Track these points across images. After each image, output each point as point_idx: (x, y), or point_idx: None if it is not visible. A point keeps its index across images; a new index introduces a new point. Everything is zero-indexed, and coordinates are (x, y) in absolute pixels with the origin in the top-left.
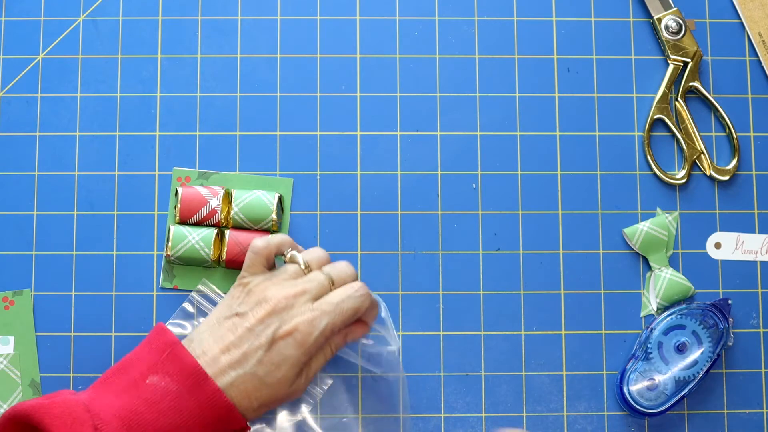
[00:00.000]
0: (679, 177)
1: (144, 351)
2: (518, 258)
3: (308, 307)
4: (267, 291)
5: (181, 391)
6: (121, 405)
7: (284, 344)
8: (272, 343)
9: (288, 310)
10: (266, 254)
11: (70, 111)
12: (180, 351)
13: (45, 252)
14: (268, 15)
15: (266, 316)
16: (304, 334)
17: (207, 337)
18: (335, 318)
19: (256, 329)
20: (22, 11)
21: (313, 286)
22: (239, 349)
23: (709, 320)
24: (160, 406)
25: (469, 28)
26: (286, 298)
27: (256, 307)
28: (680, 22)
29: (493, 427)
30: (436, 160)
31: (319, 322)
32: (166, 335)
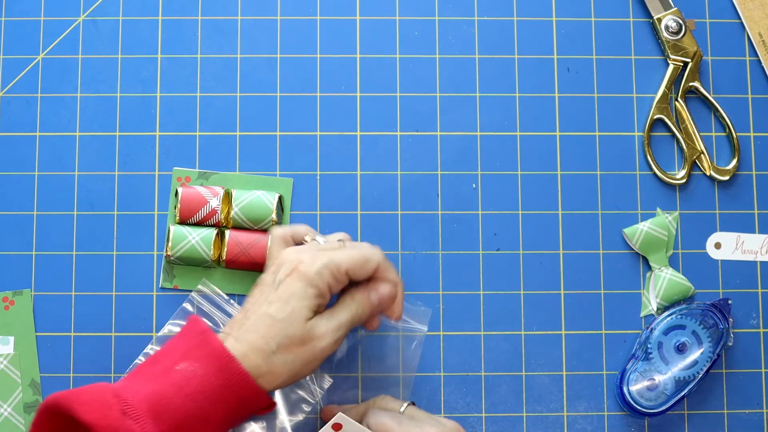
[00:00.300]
0: (679, 177)
1: (176, 342)
2: (518, 258)
3: (313, 251)
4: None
5: (207, 374)
6: (150, 391)
7: (289, 280)
8: (279, 283)
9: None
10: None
11: (70, 111)
12: (209, 337)
13: (45, 252)
14: (268, 15)
15: (277, 268)
16: (307, 265)
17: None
18: (340, 256)
19: (267, 279)
20: (22, 11)
21: (321, 245)
22: (251, 301)
23: (709, 320)
24: (186, 390)
25: (469, 28)
26: (296, 251)
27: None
28: (680, 22)
29: (493, 427)
30: (436, 160)
31: (323, 256)
32: (197, 325)
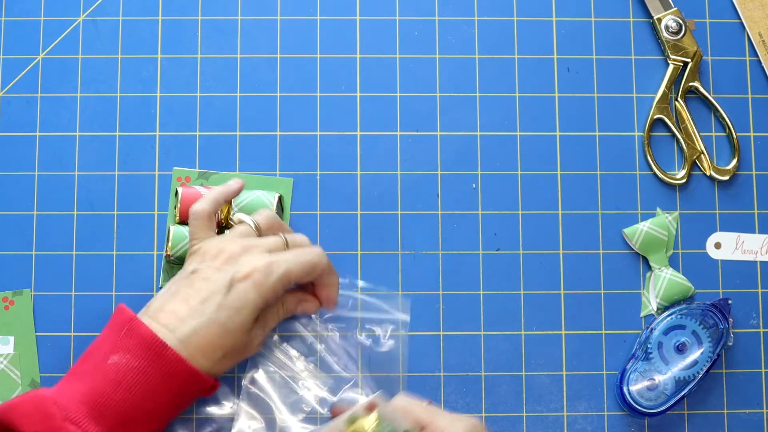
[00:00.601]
0: (679, 177)
1: (104, 333)
2: (518, 258)
3: (264, 256)
4: (220, 245)
5: (142, 365)
6: (86, 390)
7: (243, 287)
8: (231, 286)
9: (244, 255)
10: (207, 215)
11: (70, 111)
12: (137, 325)
13: (45, 252)
14: (268, 15)
15: (222, 263)
16: (263, 275)
17: (163, 299)
18: (292, 266)
19: (213, 277)
20: (22, 11)
21: (268, 243)
22: (197, 298)
23: (709, 320)
24: (124, 384)
25: (469, 28)
26: (242, 247)
27: (211, 260)
28: (680, 22)
29: (493, 427)
30: (436, 160)
31: (277, 267)
32: (123, 313)
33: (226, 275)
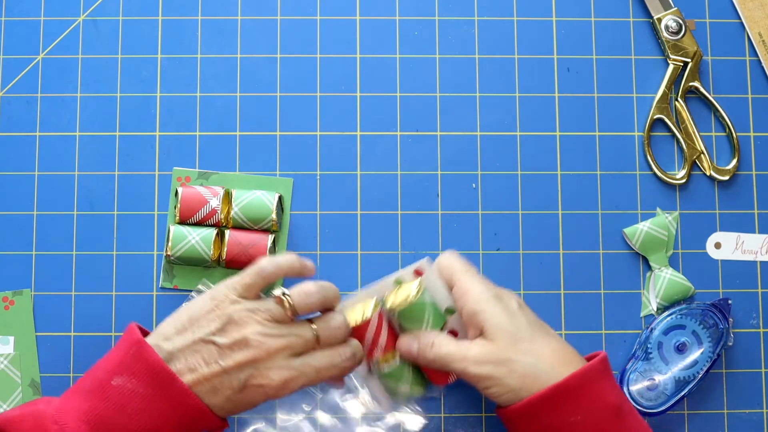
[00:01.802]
0: (679, 177)
1: (113, 352)
2: (518, 258)
3: (287, 363)
4: (248, 331)
5: (148, 393)
6: (88, 409)
7: (254, 392)
8: (243, 388)
9: (266, 362)
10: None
11: (70, 111)
12: (145, 350)
13: (45, 252)
14: (268, 15)
15: (244, 363)
16: (276, 390)
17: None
18: (311, 381)
19: (231, 371)
20: (22, 11)
21: (297, 343)
22: (210, 384)
23: (709, 320)
24: (128, 409)
25: (469, 28)
26: (267, 351)
27: (235, 347)
28: (680, 22)
29: (494, 428)
30: (436, 160)
31: (294, 383)
32: (132, 334)
33: (243, 375)
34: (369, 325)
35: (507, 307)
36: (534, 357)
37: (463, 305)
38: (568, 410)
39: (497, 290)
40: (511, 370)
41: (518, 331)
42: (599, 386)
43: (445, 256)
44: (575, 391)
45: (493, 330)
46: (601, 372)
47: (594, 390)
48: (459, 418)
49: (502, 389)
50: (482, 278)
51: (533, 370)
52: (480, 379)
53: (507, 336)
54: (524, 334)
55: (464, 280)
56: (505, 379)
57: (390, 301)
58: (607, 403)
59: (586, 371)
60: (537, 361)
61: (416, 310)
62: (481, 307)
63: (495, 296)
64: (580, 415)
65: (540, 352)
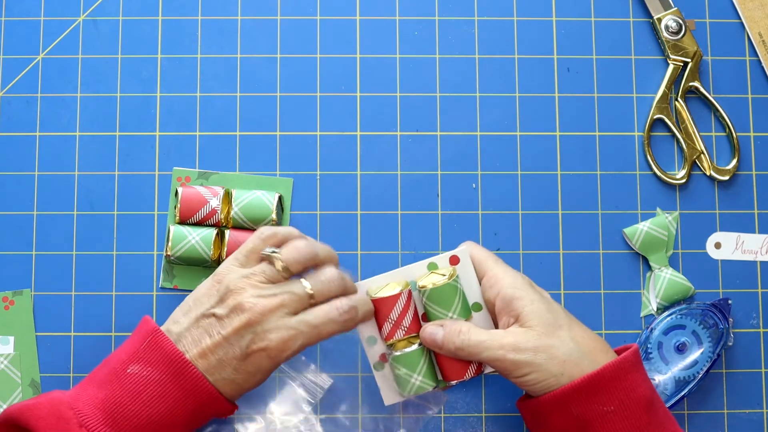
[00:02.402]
0: (679, 177)
1: (127, 343)
2: (518, 258)
3: (284, 323)
4: (242, 296)
5: (163, 379)
6: (104, 397)
7: (257, 357)
8: (246, 355)
9: (263, 323)
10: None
11: (70, 111)
12: (161, 338)
13: (45, 252)
14: (268, 15)
15: (241, 327)
16: (278, 351)
17: (186, 334)
18: (311, 338)
19: (231, 339)
20: (22, 11)
21: (292, 300)
22: (215, 356)
23: (709, 320)
24: (143, 396)
25: (469, 28)
26: (262, 312)
27: (232, 314)
28: (680, 22)
29: (494, 427)
30: (436, 160)
31: (293, 342)
32: (147, 324)
33: (243, 342)
34: (396, 302)
35: (542, 294)
36: (574, 343)
37: (498, 291)
38: (602, 400)
39: (529, 279)
40: (552, 356)
41: (556, 317)
42: (632, 377)
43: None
44: (610, 381)
45: (531, 316)
46: (634, 364)
47: (628, 381)
48: (459, 418)
49: (542, 375)
50: (511, 268)
51: (576, 355)
52: (519, 366)
53: (545, 322)
54: (563, 321)
55: (497, 269)
56: (545, 364)
57: (421, 281)
58: (639, 394)
59: (621, 361)
60: (577, 347)
61: (447, 294)
62: (517, 294)
63: (529, 284)
64: (614, 405)
65: (578, 339)
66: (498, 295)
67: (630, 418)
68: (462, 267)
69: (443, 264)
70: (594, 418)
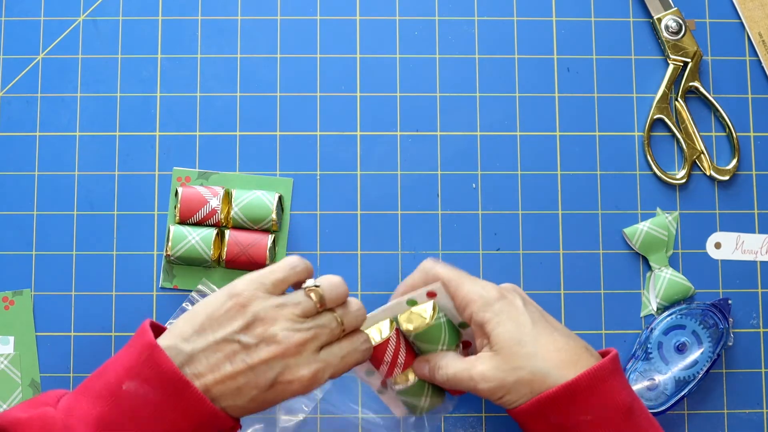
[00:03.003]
0: (679, 177)
1: (125, 351)
2: (518, 258)
3: (315, 357)
4: (275, 328)
5: (161, 400)
6: (98, 415)
7: (282, 389)
8: (272, 386)
9: (295, 357)
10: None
11: (70, 111)
12: (158, 354)
13: (45, 252)
14: (268, 15)
15: (271, 359)
16: (308, 384)
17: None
18: (338, 370)
19: (258, 369)
20: (22, 11)
21: (324, 333)
22: (235, 383)
23: (709, 320)
24: (139, 417)
25: (469, 28)
26: (296, 346)
27: (262, 344)
28: (680, 22)
29: (494, 427)
30: (436, 160)
31: (323, 375)
32: (145, 336)
33: (272, 373)
34: (388, 346)
35: (512, 309)
36: (540, 359)
37: (470, 314)
38: (579, 409)
39: (499, 289)
40: (519, 378)
41: (522, 334)
42: (609, 385)
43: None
44: (585, 390)
45: (497, 339)
46: (611, 371)
47: (604, 389)
48: (459, 419)
49: (514, 396)
50: (478, 281)
51: (541, 373)
52: (492, 391)
53: (512, 343)
54: (528, 337)
55: (465, 288)
56: (515, 386)
57: (405, 324)
58: (617, 402)
59: (595, 370)
60: (544, 363)
61: (433, 333)
62: (486, 317)
63: (499, 298)
64: (591, 414)
65: (546, 353)
66: (471, 318)
67: (608, 426)
68: (440, 298)
69: (422, 300)
70: (572, 426)
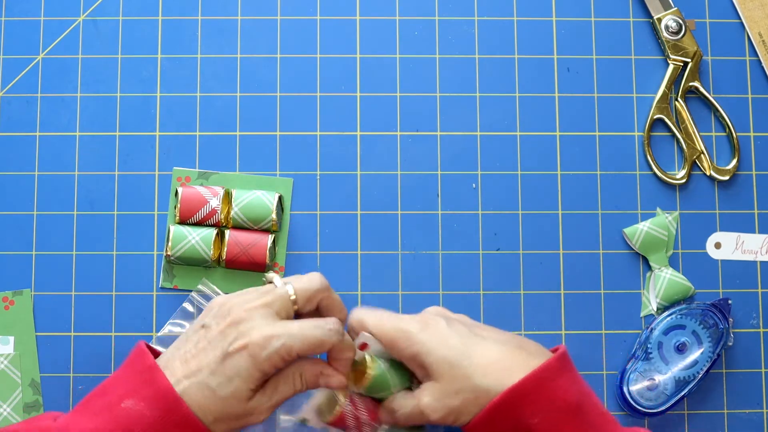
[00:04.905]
0: (679, 177)
1: (123, 373)
2: (518, 258)
3: (267, 322)
4: (231, 303)
5: (154, 416)
6: (94, 428)
7: (237, 357)
8: (226, 355)
9: (247, 321)
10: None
11: (70, 111)
12: (157, 375)
13: (45, 252)
14: (268, 15)
15: (226, 327)
16: (258, 348)
17: (174, 351)
18: (293, 341)
19: (215, 340)
20: (22, 11)
21: (273, 299)
22: (196, 360)
23: (709, 320)
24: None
25: (469, 28)
26: (246, 310)
27: (219, 318)
28: (680, 22)
29: None
30: (436, 160)
31: (276, 341)
32: (145, 359)
33: (225, 341)
34: (346, 417)
35: (437, 334)
36: (478, 376)
37: (398, 354)
38: (525, 414)
39: (420, 319)
40: (463, 399)
41: (454, 356)
42: (556, 385)
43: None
44: (529, 393)
45: (433, 367)
46: (557, 370)
47: (550, 390)
48: None
49: (466, 417)
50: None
51: (482, 389)
52: (444, 418)
53: (447, 368)
54: (461, 357)
55: (386, 331)
56: (463, 408)
57: (352, 386)
58: (565, 401)
59: (540, 372)
60: (483, 378)
61: (379, 381)
62: (414, 349)
63: (421, 327)
64: (537, 417)
65: (481, 370)
66: (401, 356)
67: (557, 427)
68: (372, 345)
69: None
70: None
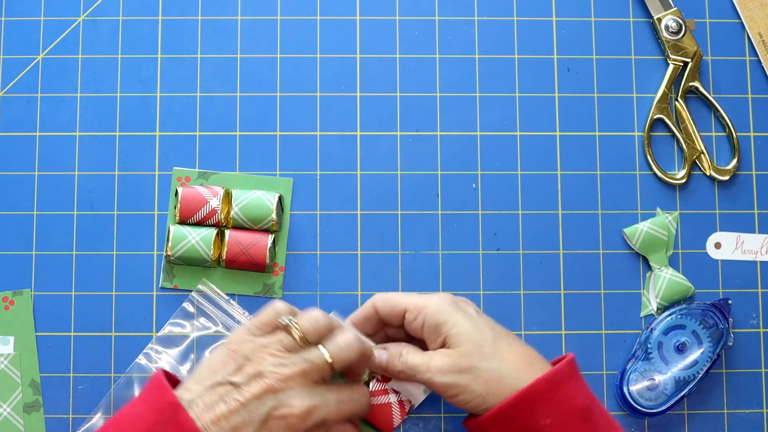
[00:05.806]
0: (679, 177)
1: (144, 408)
2: (518, 258)
3: (307, 392)
4: (262, 364)
5: None
6: None
7: (276, 425)
8: (265, 421)
9: (285, 391)
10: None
11: (70, 111)
12: (182, 415)
13: (45, 252)
14: (268, 15)
15: (262, 393)
16: (300, 419)
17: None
18: (332, 415)
19: (251, 405)
20: (22, 11)
21: (311, 367)
22: (229, 422)
23: (709, 320)
24: None
25: (469, 28)
26: (284, 380)
27: (252, 381)
28: (680, 22)
29: None
30: (436, 160)
31: (316, 414)
32: (166, 394)
33: (264, 408)
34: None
35: (467, 313)
36: (498, 360)
37: (423, 320)
38: (538, 414)
39: (453, 298)
40: (476, 377)
41: (481, 335)
42: (567, 388)
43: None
44: (544, 394)
45: (456, 338)
46: (568, 374)
47: (562, 393)
48: (459, 418)
49: (469, 396)
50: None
51: (497, 374)
52: (447, 387)
53: (470, 343)
54: (487, 339)
55: (415, 299)
56: (471, 385)
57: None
58: (575, 405)
59: (553, 374)
60: (501, 365)
61: None
62: (442, 318)
63: (453, 303)
64: (550, 418)
65: (503, 355)
66: (424, 322)
67: (567, 429)
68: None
69: None
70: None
